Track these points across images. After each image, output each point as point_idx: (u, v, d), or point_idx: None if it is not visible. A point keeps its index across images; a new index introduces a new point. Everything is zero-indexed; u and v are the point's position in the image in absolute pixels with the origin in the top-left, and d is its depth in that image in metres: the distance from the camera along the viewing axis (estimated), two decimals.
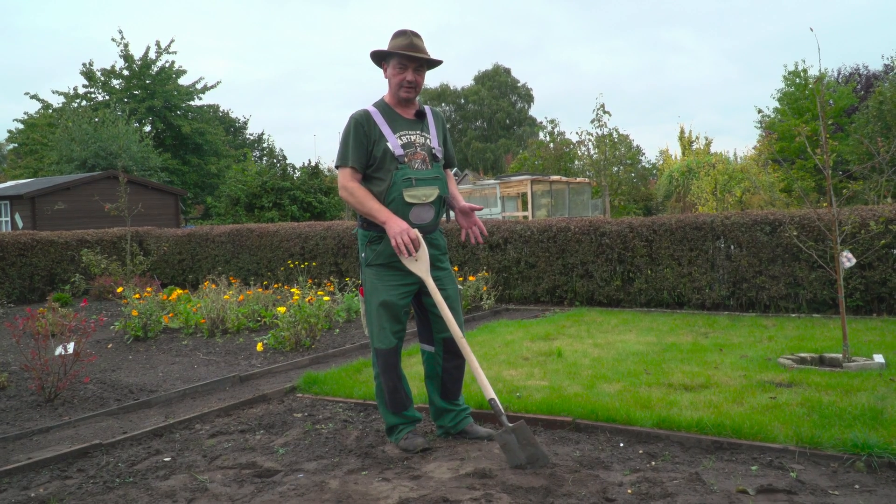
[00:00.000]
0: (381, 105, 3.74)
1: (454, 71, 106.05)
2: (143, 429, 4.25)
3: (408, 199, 3.59)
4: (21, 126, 34.26)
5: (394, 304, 3.65)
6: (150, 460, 3.72)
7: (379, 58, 3.73)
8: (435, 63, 3.72)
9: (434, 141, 3.75)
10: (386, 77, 3.73)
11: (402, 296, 3.67)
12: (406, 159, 3.63)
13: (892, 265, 7.15)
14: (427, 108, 3.82)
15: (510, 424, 3.37)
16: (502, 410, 3.47)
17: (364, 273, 3.76)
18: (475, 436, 3.81)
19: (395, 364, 3.70)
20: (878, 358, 4.96)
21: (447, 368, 3.76)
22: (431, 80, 58.16)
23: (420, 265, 3.58)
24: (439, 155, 3.75)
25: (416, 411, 3.87)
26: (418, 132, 3.72)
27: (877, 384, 4.37)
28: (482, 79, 57.67)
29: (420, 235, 3.56)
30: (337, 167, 3.71)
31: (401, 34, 3.67)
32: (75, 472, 3.60)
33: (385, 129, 3.64)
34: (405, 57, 3.62)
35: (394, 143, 3.62)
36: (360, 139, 3.62)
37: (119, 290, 9.78)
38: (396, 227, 3.50)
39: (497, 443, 3.45)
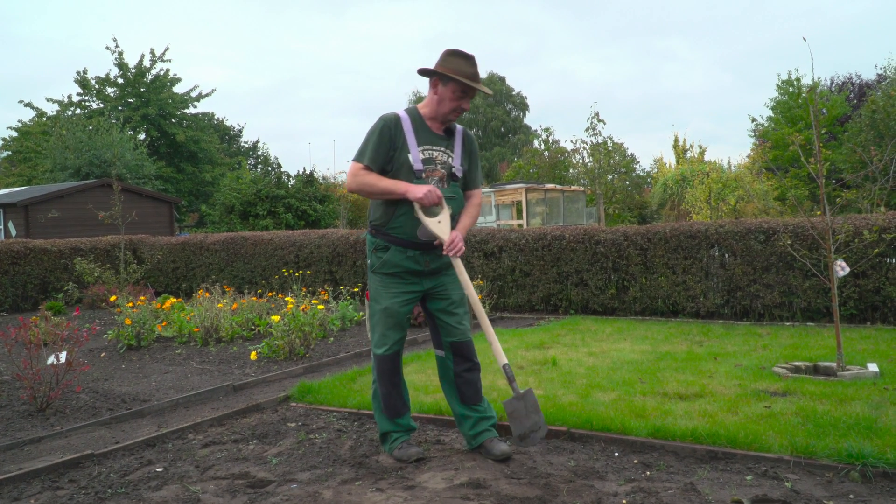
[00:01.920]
0: (413, 113, 3.67)
1: None
2: (135, 439, 4.22)
3: (418, 215, 3.57)
4: (15, 134, 34.22)
5: (395, 311, 3.66)
6: (142, 471, 3.70)
7: (431, 71, 3.61)
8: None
9: (457, 160, 3.70)
10: (435, 93, 3.62)
11: (403, 303, 3.67)
12: (424, 175, 3.58)
13: (885, 274, 7.18)
14: (458, 128, 3.74)
15: (521, 391, 3.49)
16: (513, 377, 3.55)
17: (370, 279, 3.77)
18: (490, 454, 3.63)
19: (391, 370, 3.70)
20: (872, 367, 4.98)
21: (458, 372, 3.74)
22: (426, 88, 58.25)
23: (442, 227, 3.56)
24: (458, 174, 3.71)
25: (411, 420, 3.86)
26: (442, 149, 3.66)
27: (871, 393, 4.38)
28: None
29: (443, 196, 3.55)
30: (353, 160, 3.65)
31: (464, 58, 3.56)
32: (67, 482, 3.56)
33: (410, 138, 3.58)
34: (470, 87, 3.55)
35: (415, 156, 3.57)
36: (384, 142, 3.57)
37: (112, 298, 9.74)
38: (422, 188, 3.47)
39: (506, 410, 3.48)
